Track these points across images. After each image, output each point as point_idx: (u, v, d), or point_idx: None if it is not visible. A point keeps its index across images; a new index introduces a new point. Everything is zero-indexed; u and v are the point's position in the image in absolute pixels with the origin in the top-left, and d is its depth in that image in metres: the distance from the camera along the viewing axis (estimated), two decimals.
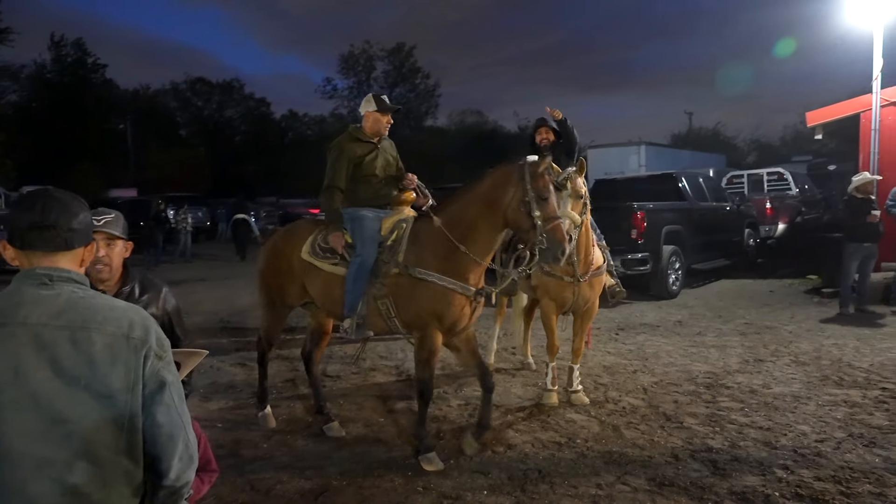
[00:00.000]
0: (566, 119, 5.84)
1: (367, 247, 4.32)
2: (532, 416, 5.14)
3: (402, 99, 51.49)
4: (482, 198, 4.10)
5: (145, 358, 1.59)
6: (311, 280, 4.60)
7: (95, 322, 1.56)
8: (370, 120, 4.57)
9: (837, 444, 4.43)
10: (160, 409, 1.60)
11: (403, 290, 4.21)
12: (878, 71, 10.12)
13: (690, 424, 4.87)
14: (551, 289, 5.36)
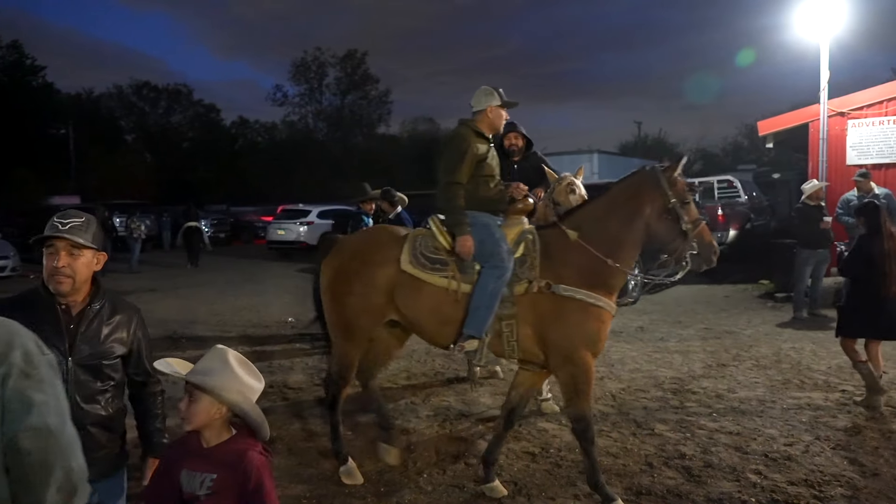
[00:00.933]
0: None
1: (508, 258, 3.74)
2: None
3: (353, 106, 51.16)
4: (621, 210, 3.76)
5: (4, 377, 1.35)
6: (409, 296, 3.87)
7: None
8: (491, 115, 4.01)
9: (806, 448, 4.48)
10: (26, 434, 1.36)
11: (543, 311, 3.69)
12: (826, 82, 10.45)
13: (661, 431, 4.86)
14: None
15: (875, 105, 10.75)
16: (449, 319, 3.80)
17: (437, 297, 3.81)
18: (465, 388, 6.08)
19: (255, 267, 18.75)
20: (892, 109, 10.59)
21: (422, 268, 3.85)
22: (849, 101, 10.97)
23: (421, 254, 3.88)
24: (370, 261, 3.96)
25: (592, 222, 3.80)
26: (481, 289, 3.71)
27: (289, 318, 9.96)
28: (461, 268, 3.81)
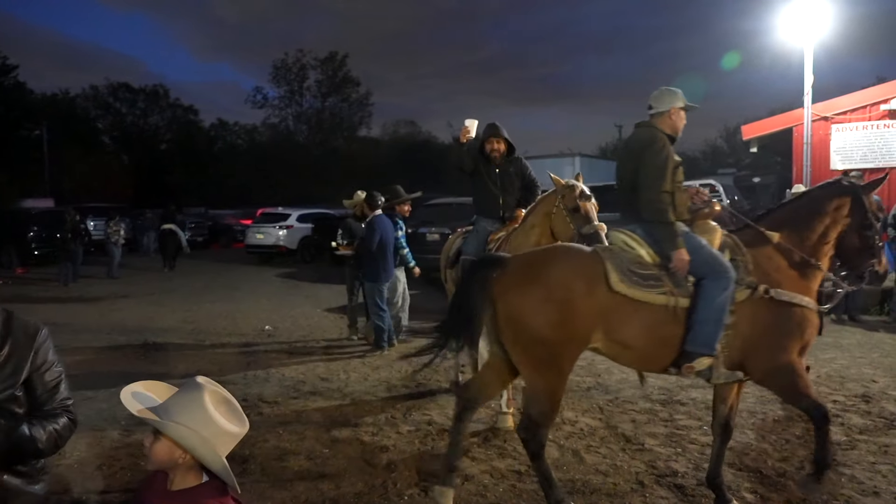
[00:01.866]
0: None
1: (729, 266, 3.48)
2: (488, 441, 4.84)
3: (334, 108, 50.80)
4: (826, 216, 3.67)
5: None
6: (622, 319, 3.46)
7: None
8: (674, 117, 3.78)
9: (801, 464, 4.32)
10: None
11: (760, 318, 3.48)
12: (810, 87, 10.40)
13: (651, 446, 4.69)
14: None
15: (859, 110, 10.73)
16: (667, 339, 3.48)
17: (655, 316, 3.46)
18: (448, 400, 5.86)
19: (233, 272, 18.40)
20: (875, 114, 10.56)
21: (636, 286, 3.46)
22: (833, 106, 10.95)
23: (630, 270, 3.49)
24: (574, 285, 3.45)
25: (795, 224, 3.68)
26: (707, 302, 3.41)
27: (266, 326, 9.68)
28: (676, 282, 3.50)
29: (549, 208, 4.91)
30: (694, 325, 3.42)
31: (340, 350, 8.05)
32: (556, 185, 4.93)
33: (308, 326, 9.75)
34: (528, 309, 3.44)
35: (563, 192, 4.84)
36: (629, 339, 3.50)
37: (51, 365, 2.23)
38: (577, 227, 4.71)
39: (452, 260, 5.84)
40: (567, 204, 4.78)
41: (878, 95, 10.64)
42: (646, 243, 3.62)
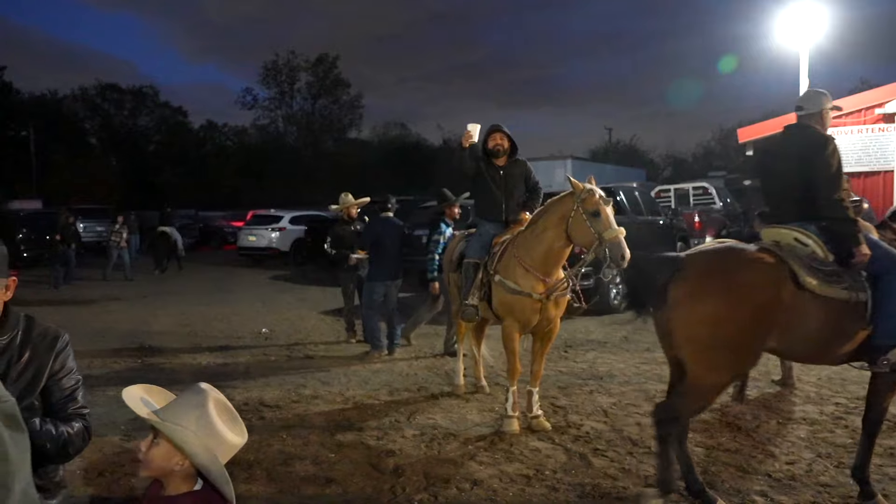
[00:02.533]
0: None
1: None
2: (494, 445, 4.81)
3: (324, 110, 50.70)
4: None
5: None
6: (805, 315, 3.50)
7: None
8: (827, 118, 3.90)
9: (809, 467, 4.32)
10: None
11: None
12: (805, 90, 10.45)
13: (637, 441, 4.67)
14: (517, 308, 5.06)
15: (854, 113, 10.80)
16: (847, 333, 3.58)
17: (837, 311, 3.52)
18: (451, 403, 5.83)
19: (225, 274, 18.28)
20: (870, 118, 10.64)
21: (823, 282, 3.51)
22: None
23: (812, 267, 3.54)
24: (765, 287, 3.47)
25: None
26: (892, 296, 3.52)
27: (262, 328, 9.61)
28: (852, 277, 3.57)
29: (567, 212, 4.82)
30: (882, 319, 3.52)
31: (339, 353, 8.00)
32: (574, 188, 4.83)
33: (305, 329, 9.69)
34: (719, 316, 3.45)
35: (583, 196, 4.75)
36: (809, 334, 3.56)
37: (69, 371, 2.19)
38: (599, 231, 4.66)
39: (456, 264, 5.81)
40: (588, 208, 4.71)
41: (874, 99, 10.72)
42: (820, 241, 3.68)
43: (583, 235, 4.77)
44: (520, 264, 5.00)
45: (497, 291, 5.11)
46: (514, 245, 5.13)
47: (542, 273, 4.97)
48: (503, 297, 5.10)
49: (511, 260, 5.07)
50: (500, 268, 5.13)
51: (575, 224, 4.78)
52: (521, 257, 5.01)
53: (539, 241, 4.94)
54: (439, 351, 7.89)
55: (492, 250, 5.35)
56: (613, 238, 4.60)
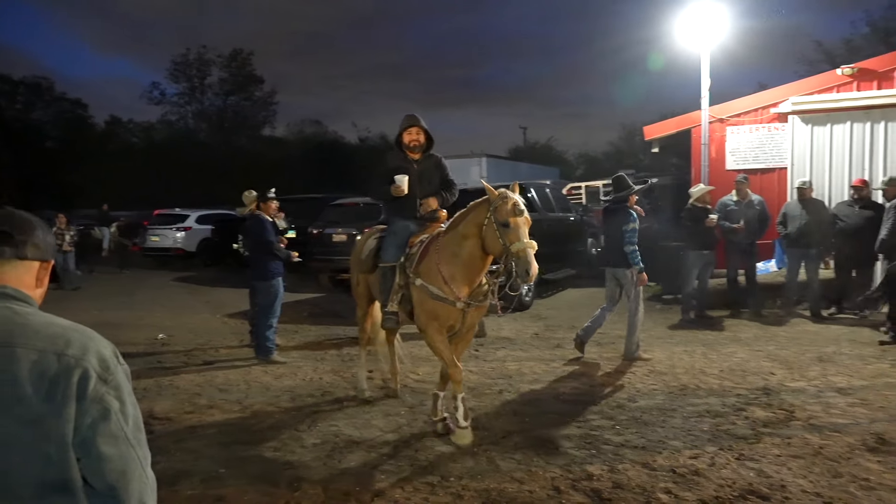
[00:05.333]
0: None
1: None
2: (398, 452, 4.60)
3: (237, 107, 49.10)
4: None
5: (82, 379, 1.36)
6: None
7: (23, 338, 1.37)
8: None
9: (712, 460, 4.33)
10: (105, 440, 1.36)
11: None
12: (706, 90, 10.78)
13: (566, 449, 4.59)
14: (441, 314, 4.72)
15: (751, 112, 11.21)
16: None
17: None
18: (356, 409, 5.58)
19: (128, 276, 17.30)
20: (766, 117, 11.07)
21: None
22: (727, 109, 11.39)
23: None
24: None
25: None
26: None
27: (160, 334, 9.04)
28: None
29: (481, 219, 4.50)
30: None
31: (241, 358, 7.58)
32: (489, 194, 4.51)
33: (207, 333, 9.18)
34: None
35: (496, 204, 4.42)
36: None
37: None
38: (507, 243, 4.34)
39: (370, 266, 5.39)
40: (499, 218, 4.39)
41: (769, 99, 11.16)
42: None
43: (493, 246, 4.47)
44: (442, 273, 4.67)
45: (419, 296, 4.76)
46: (435, 248, 4.78)
47: (466, 281, 4.68)
48: (426, 302, 4.73)
49: (433, 265, 4.73)
50: (421, 271, 4.79)
51: (487, 233, 4.48)
52: (444, 264, 4.66)
53: (460, 248, 4.63)
54: (347, 353, 7.61)
55: (410, 251, 5.01)
56: (520, 252, 4.31)
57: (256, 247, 7.42)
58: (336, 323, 9.62)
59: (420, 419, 5.26)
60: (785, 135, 10.92)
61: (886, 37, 28.49)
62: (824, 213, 9.39)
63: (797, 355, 7.06)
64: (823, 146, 10.63)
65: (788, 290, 9.56)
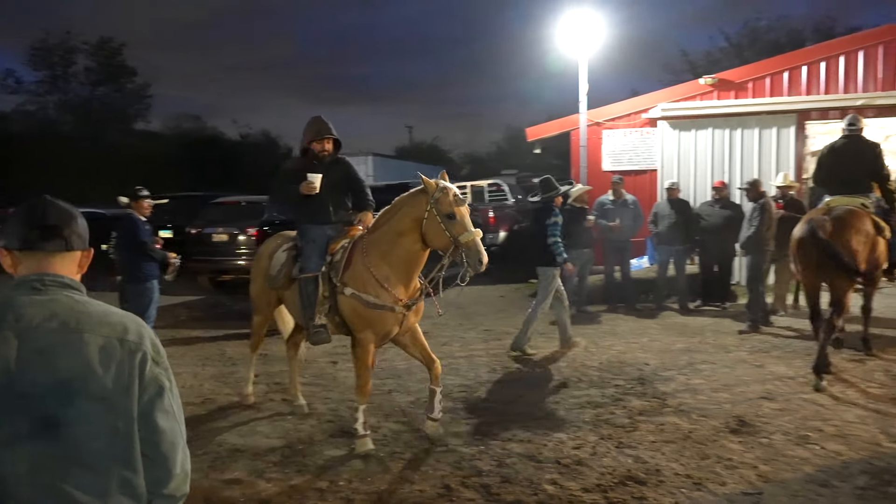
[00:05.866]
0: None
1: None
2: (286, 458, 4.47)
3: (106, 98, 45.97)
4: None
5: (142, 361, 1.56)
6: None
7: (89, 325, 1.54)
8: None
9: (593, 450, 4.52)
10: (161, 414, 1.57)
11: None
12: (584, 94, 11.26)
13: (455, 446, 4.63)
14: (378, 322, 4.56)
15: (625, 117, 11.84)
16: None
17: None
18: (240, 415, 5.38)
19: None
20: (638, 122, 11.73)
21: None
22: (603, 113, 11.96)
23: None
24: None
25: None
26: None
27: None
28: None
29: (420, 213, 4.39)
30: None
31: None
32: (427, 187, 4.38)
33: None
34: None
35: (436, 196, 4.32)
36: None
37: None
38: (454, 235, 4.28)
39: (283, 281, 5.04)
40: (442, 209, 4.30)
41: (641, 105, 11.85)
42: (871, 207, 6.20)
43: (438, 239, 4.37)
44: (375, 275, 4.49)
45: (351, 306, 4.56)
46: (362, 252, 4.60)
47: (403, 282, 4.54)
48: (361, 311, 4.53)
49: (364, 270, 4.53)
50: (349, 279, 4.58)
51: (429, 227, 4.36)
52: (375, 266, 4.51)
53: (395, 248, 4.49)
54: (230, 357, 7.32)
55: (334, 259, 4.76)
56: (470, 242, 4.26)
57: (129, 248, 6.97)
58: (217, 326, 9.22)
59: (308, 423, 5.14)
60: (655, 139, 11.62)
61: (740, 51, 30.92)
62: (690, 213, 10.05)
63: (668, 346, 7.52)
64: (689, 150, 11.43)
65: (659, 285, 10.17)
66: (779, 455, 4.35)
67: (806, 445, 4.50)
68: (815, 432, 4.74)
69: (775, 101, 11.18)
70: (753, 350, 7.24)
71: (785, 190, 9.15)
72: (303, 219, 5.01)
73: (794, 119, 11.05)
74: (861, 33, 12.20)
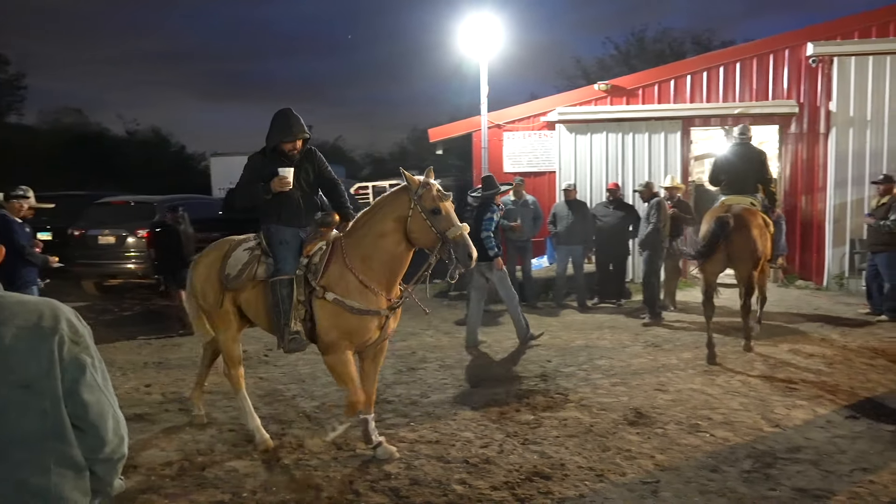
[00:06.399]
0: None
1: None
2: (184, 471, 4.26)
3: None
4: None
5: (60, 344, 1.64)
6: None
7: (2, 316, 1.61)
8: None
9: (500, 448, 4.58)
10: (86, 389, 1.68)
11: None
12: (485, 96, 11.44)
13: (363, 450, 4.57)
14: (358, 329, 4.31)
15: (524, 119, 12.13)
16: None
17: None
18: (132, 428, 5.04)
19: None
20: (537, 125, 12.05)
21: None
22: (504, 115, 12.20)
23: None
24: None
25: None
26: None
27: None
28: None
29: (403, 211, 4.21)
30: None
31: None
32: (409, 183, 4.21)
33: None
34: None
35: (419, 192, 4.15)
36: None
37: None
38: (441, 230, 4.12)
39: (244, 282, 4.62)
40: (426, 205, 4.14)
41: (539, 108, 12.19)
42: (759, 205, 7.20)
43: (424, 237, 4.21)
44: (360, 279, 4.25)
45: (330, 312, 4.29)
46: (343, 255, 4.34)
47: (387, 286, 4.33)
48: (342, 318, 4.27)
49: (346, 273, 4.29)
50: (330, 283, 4.31)
51: (414, 224, 4.19)
52: (358, 269, 4.28)
53: (378, 249, 4.28)
54: (120, 367, 6.91)
55: (311, 262, 4.43)
56: (458, 237, 4.11)
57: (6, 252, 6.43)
58: (105, 335, 8.67)
59: (207, 434, 4.93)
60: (553, 141, 11.99)
61: (628, 59, 32.43)
62: (587, 213, 10.43)
63: (568, 343, 7.76)
64: (585, 152, 11.87)
65: (559, 284, 10.48)
66: (673, 444, 4.58)
67: (697, 433, 4.77)
68: (705, 420, 5.02)
69: (663, 108, 11.81)
70: (647, 345, 7.59)
71: (672, 191, 9.68)
72: (272, 220, 4.64)
73: (680, 125, 11.71)
74: (737, 46, 13.10)
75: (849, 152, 11.13)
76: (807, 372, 6.29)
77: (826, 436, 4.68)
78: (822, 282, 11.33)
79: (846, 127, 11.16)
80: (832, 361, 6.64)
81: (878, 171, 10.06)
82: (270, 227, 4.62)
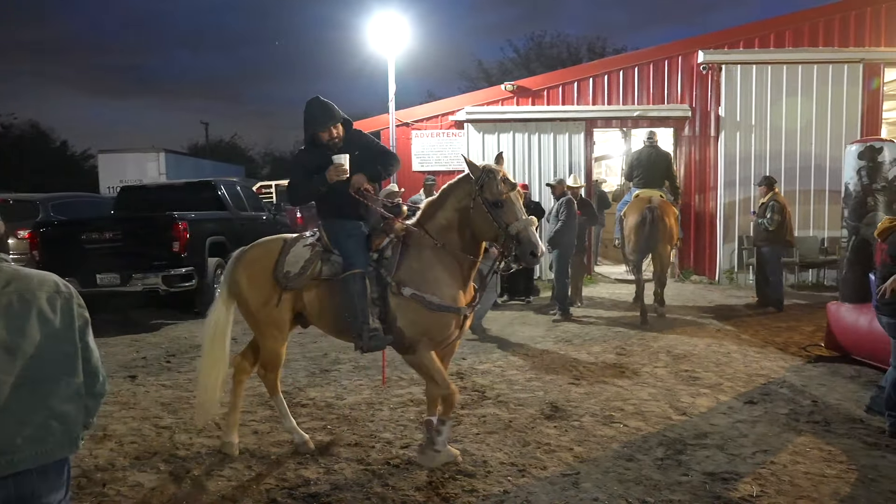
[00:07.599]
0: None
1: None
2: (81, 489, 3.93)
3: None
4: None
5: (77, 305, 2.14)
6: None
7: (31, 283, 2.05)
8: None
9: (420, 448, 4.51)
10: (90, 338, 2.18)
11: None
12: (393, 94, 11.36)
13: (279, 456, 4.39)
14: (438, 327, 4.03)
15: (432, 119, 12.14)
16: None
17: None
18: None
19: None
20: (445, 124, 12.09)
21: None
22: (412, 114, 12.17)
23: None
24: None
25: None
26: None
27: None
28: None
29: (465, 202, 3.94)
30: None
31: None
32: (471, 170, 3.93)
33: None
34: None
35: (481, 182, 3.86)
36: None
37: None
38: (504, 224, 3.84)
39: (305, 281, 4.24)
40: (488, 196, 3.85)
41: (448, 107, 12.24)
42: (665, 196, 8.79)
43: (485, 231, 3.95)
44: (435, 273, 4.00)
45: (409, 308, 4.01)
46: (415, 247, 4.09)
47: (464, 281, 4.08)
48: (422, 315, 3.99)
49: (423, 268, 4.03)
50: (406, 277, 4.03)
51: (476, 217, 3.91)
52: (431, 263, 4.02)
53: (449, 242, 4.02)
54: None
55: (384, 256, 4.14)
56: (521, 232, 3.82)
57: None
58: None
59: (108, 445, 4.58)
60: (461, 140, 12.06)
61: (528, 63, 33.25)
62: None
63: (482, 341, 7.80)
64: (493, 152, 11.96)
65: None
66: (590, 436, 4.67)
67: (611, 424, 4.89)
68: (618, 412, 5.17)
69: (567, 110, 12.14)
70: (558, 340, 7.75)
71: (575, 190, 9.95)
72: (329, 213, 4.35)
73: (583, 126, 12.08)
74: (636, 52, 13.67)
75: (737, 154, 11.87)
76: (707, 361, 6.62)
77: (729, 421, 4.92)
78: (714, 276, 12.01)
79: (734, 131, 11.89)
80: (729, 351, 7.03)
81: (762, 172, 10.78)
82: (333, 221, 4.32)
